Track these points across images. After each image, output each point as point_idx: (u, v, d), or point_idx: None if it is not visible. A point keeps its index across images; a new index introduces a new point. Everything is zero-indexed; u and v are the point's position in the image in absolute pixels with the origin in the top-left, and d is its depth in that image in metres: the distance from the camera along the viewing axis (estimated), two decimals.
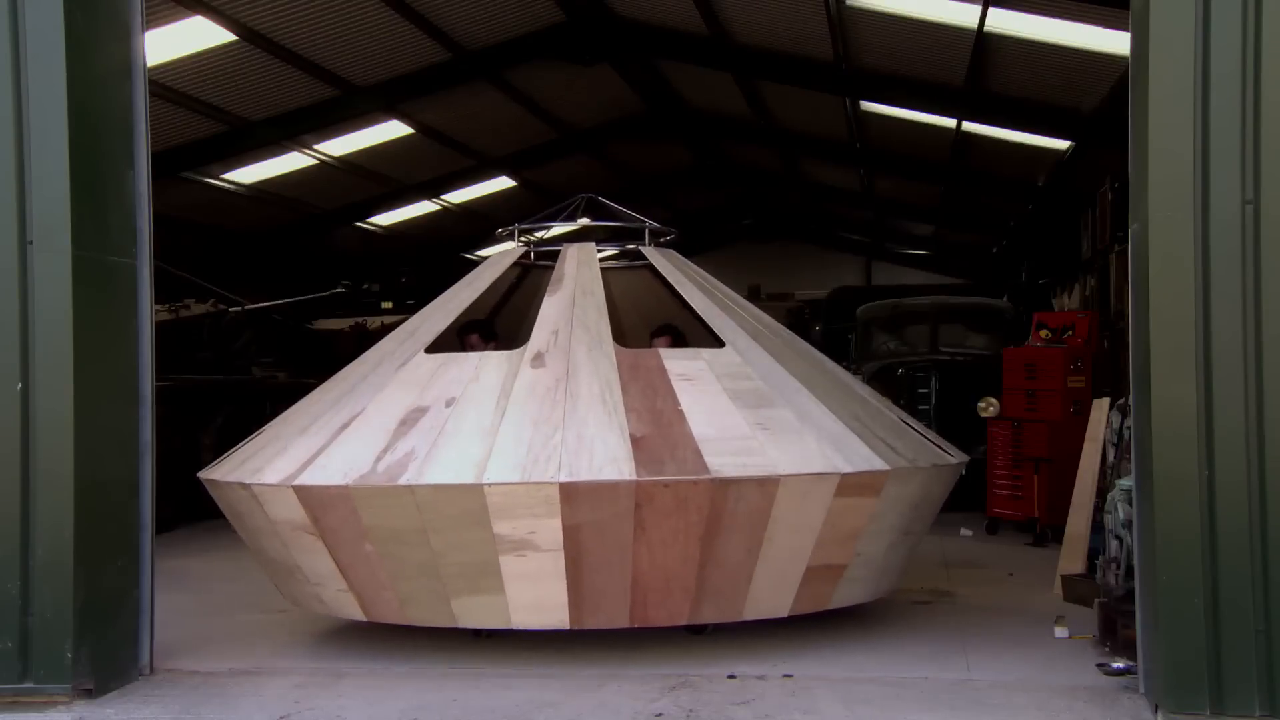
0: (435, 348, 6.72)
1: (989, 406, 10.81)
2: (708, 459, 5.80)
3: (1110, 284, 13.84)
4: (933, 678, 5.84)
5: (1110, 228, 13.39)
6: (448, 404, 6.16)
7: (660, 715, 5.29)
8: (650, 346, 7.33)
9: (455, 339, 7.38)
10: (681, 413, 6.06)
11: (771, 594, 6.12)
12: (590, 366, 6.24)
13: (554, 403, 6.02)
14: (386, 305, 17.21)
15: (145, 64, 6.15)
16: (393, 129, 16.59)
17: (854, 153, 19.00)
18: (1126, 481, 6.30)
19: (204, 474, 6.85)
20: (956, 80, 13.34)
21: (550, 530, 5.69)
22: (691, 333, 7.54)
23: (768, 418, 6.15)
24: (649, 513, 5.70)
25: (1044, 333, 11.38)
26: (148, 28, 6.30)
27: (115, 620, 5.85)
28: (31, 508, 5.55)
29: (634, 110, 18.91)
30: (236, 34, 12.02)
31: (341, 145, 16.76)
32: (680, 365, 6.38)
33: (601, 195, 8.00)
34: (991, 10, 10.97)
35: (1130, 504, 5.83)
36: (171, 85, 12.82)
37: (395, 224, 21.94)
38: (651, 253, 7.35)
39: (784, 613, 6.20)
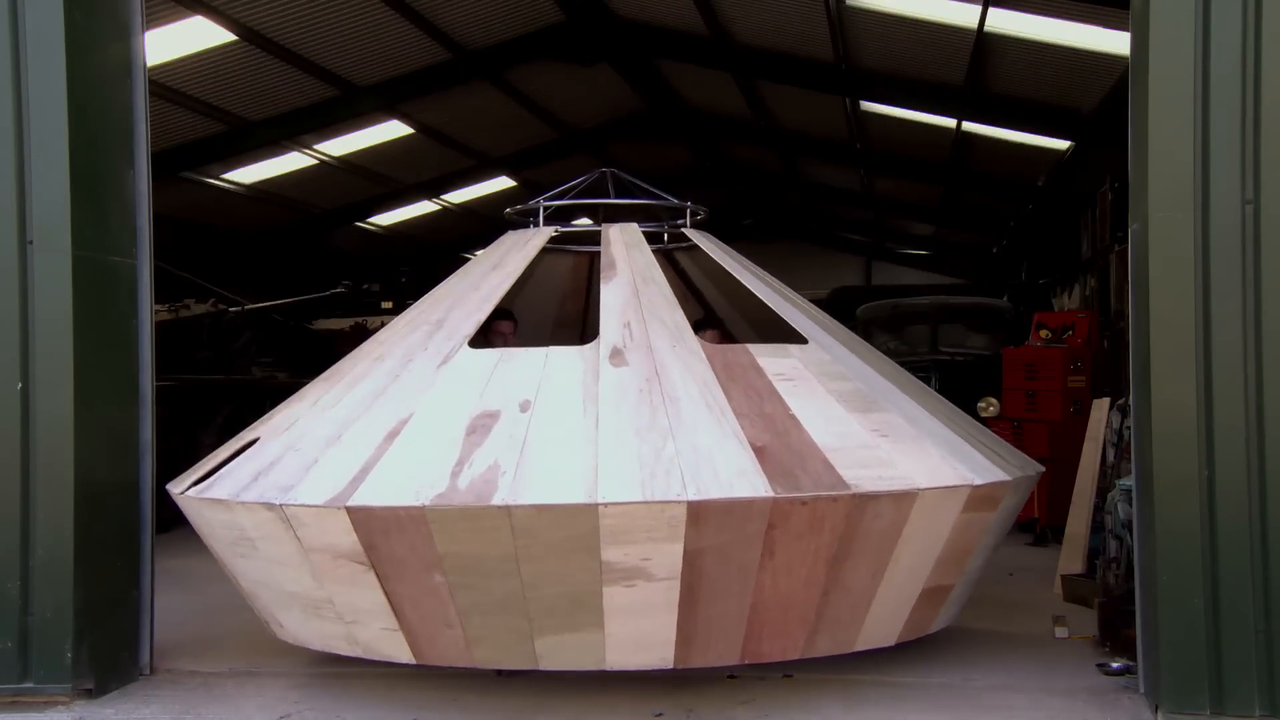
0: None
1: (989, 406, 10.81)
2: (841, 471, 5.17)
3: (1110, 284, 13.83)
4: (932, 678, 5.84)
5: (1110, 228, 13.38)
6: (523, 408, 5.36)
7: (660, 715, 5.29)
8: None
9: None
10: (795, 419, 5.41)
11: (885, 621, 5.55)
12: (680, 365, 5.56)
13: (652, 407, 5.32)
14: (386, 305, 17.18)
15: (145, 64, 6.16)
16: (393, 129, 16.59)
17: (854, 153, 18.98)
18: (1126, 481, 6.30)
19: (188, 491, 5.79)
20: (956, 80, 13.33)
21: (669, 556, 4.98)
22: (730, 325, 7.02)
23: (883, 423, 5.59)
24: (781, 534, 5.04)
25: (1044, 333, 11.39)
26: (148, 28, 6.31)
27: (115, 620, 5.85)
28: (31, 508, 5.56)
29: (634, 110, 18.90)
30: (236, 34, 12.01)
31: (341, 145, 16.76)
32: (773, 364, 5.73)
33: (602, 196, 7.31)
34: (991, 10, 10.96)
35: (1130, 504, 5.83)
36: (171, 85, 12.81)
37: (395, 224, 21.94)
38: (698, 235, 6.69)
39: (890, 641, 5.64)
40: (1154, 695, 5.22)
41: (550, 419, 5.30)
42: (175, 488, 5.95)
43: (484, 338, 6.55)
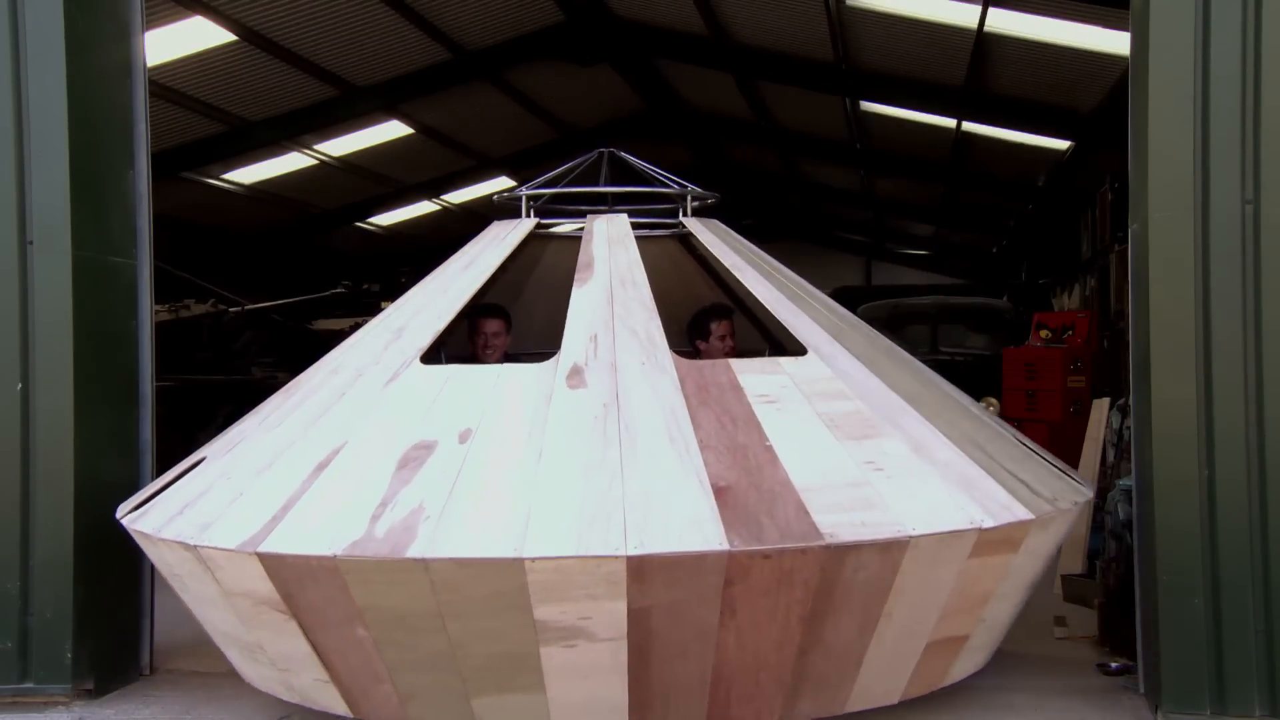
0: (433, 353, 5.42)
1: (989, 406, 10.80)
2: (815, 516, 4.47)
3: (1110, 284, 13.83)
4: None
5: (1110, 228, 13.38)
6: (462, 438, 4.75)
7: None
8: (701, 336, 6.35)
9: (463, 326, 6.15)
10: (771, 450, 4.72)
11: (882, 679, 4.91)
12: (646, 386, 4.88)
13: (605, 438, 4.66)
14: (386, 305, 17.18)
15: (145, 64, 6.15)
16: (393, 129, 16.59)
17: (854, 153, 18.99)
18: (1126, 481, 6.30)
19: (127, 519, 5.35)
20: (956, 80, 13.33)
21: (610, 615, 4.37)
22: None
23: (878, 453, 4.85)
24: (742, 590, 4.39)
25: (1044, 333, 11.40)
26: (148, 28, 6.30)
27: (115, 620, 5.85)
28: (31, 508, 5.56)
29: (634, 110, 18.91)
30: (236, 34, 12.02)
31: (341, 145, 16.77)
32: (758, 382, 5.04)
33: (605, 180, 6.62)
34: (991, 10, 10.97)
35: (1130, 504, 5.82)
36: (172, 85, 12.82)
37: (395, 224, 21.95)
38: (695, 224, 5.96)
39: (894, 699, 5.03)
40: (1154, 695, 5.21)
41: (489, 452, 4.69)
42: (123, 509, 5.52)
43: (470, 340, 6.24)
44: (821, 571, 4.42)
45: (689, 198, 6.04)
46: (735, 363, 5.20)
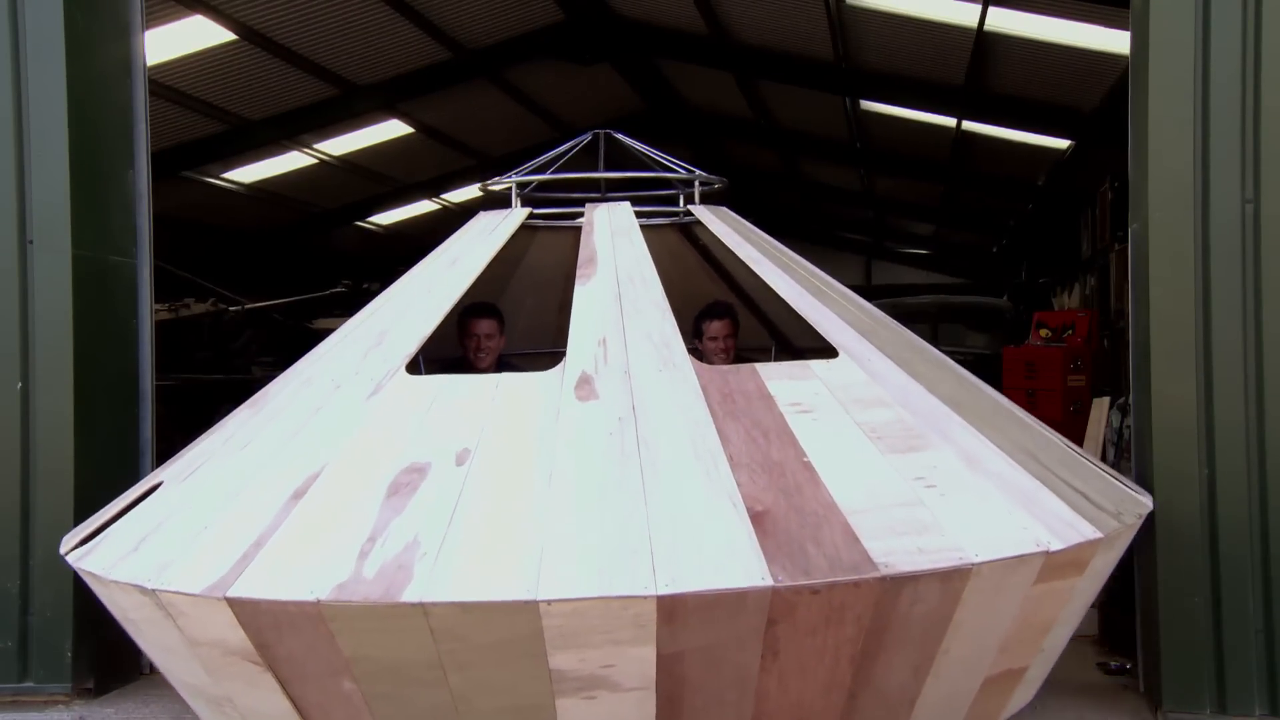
0: (412, 361, 4.73)
1: None
2: (866, 543, 3.89)
3: (1110, 283, 13.83)
4: None
5: (1110, 227, 13.38)
6: (459, 460, 4.15)
7: None
8: (699, 336, 5.90)
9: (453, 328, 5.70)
10: (810, 466, 4.14)
11: None
12: (666, 396, 4.30)
13: (623, 457, 4.07)
14: None
15: (145, 63, 6.16)
16: (393, 128, 16.59)
17: (854, 152, 18.99)
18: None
19: (74, 555, 4.71)
20: (956, 80, 13.33)
21: (637, 663, 3.80)
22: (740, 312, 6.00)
23: (928, 466, 4.27)
24: (786, 630, 3.83)
25: (1044, 332, 11.40)
26: (148, 27, 6.31)
27: (116, 620, 5.85)
28: (31, 507, 5.56)
29: (634, 110, 18.90)
30: (236, 33, 12.01)
31: (341, 145, 16.76)
32: (788, 389, 4.46)
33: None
34: (991, 9, 10.96)
35: None
36: (171, 85, 12.81)
37: (395, 223, 21.96)
38: (704, 212, 5.42)
39: None
40: (1154, 695, 5.21)
41: (491, 475, 4.10)
42: (67, 542, 4.92)
43: (460, 342, 5.79)
44: (876, 606, 3.86)
45: (697, 183, 5.52)
46: (762, 368, 4.62)
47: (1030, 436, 4.95)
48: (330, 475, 4.21)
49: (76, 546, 4.76)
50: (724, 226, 5.34)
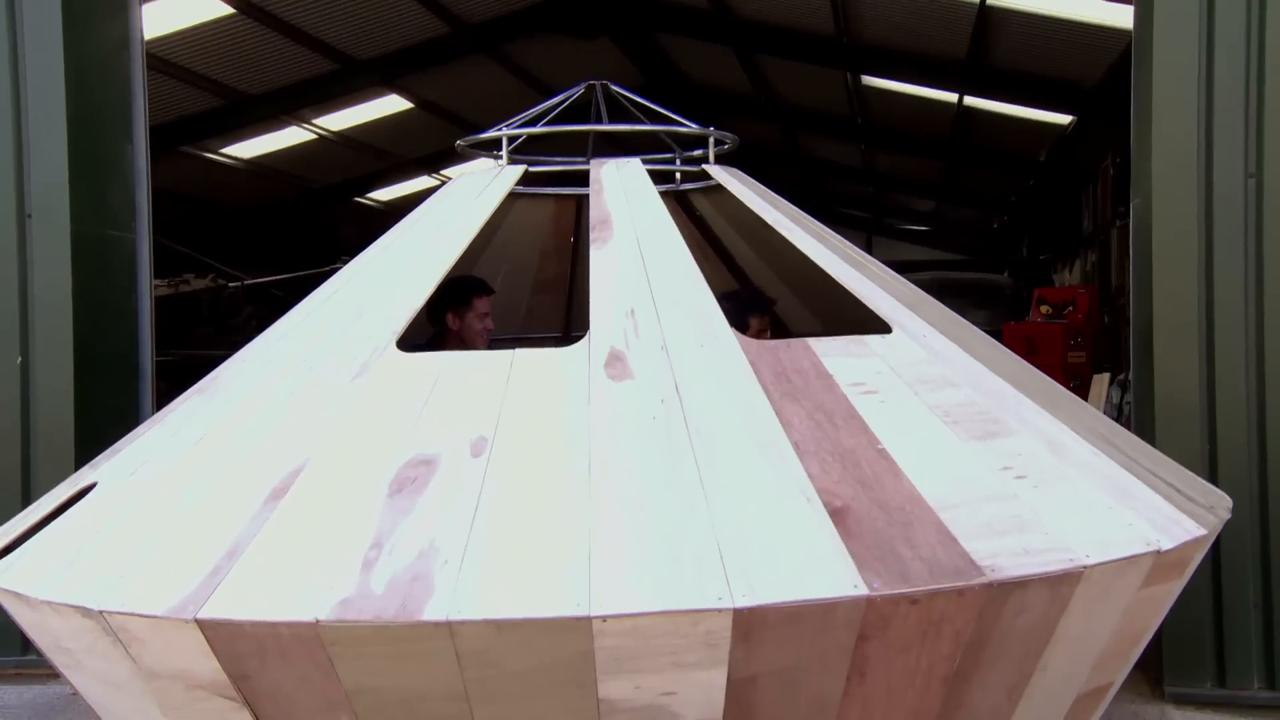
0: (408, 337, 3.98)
1: None
2: (965, 544, 3.33)
3: (1111, 259, 13.83)
4: None
5: (1111, 203, 13.38)
6: (475, 450, 3.48)
7: None
8: (737, 329, 4.71)
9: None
10: (886, 455, 3.57)
11: None
12: (711, 375, 3.69)
13: (672, 445, 3.44)
14: None
15: (143, 38, 6.14)
16: (392, 103, 16.55)
17: (855, 128, 18.95)
18: None
19: None
20: (958, 54, 13.28)
21: (704, 689, 3.17)
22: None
23: (1012, 454, 3.71)
24: (877, 647, 3.27)
25: (1044, 308, 11.40)
26: (145, 1, 6.27)
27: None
28: (32, 481, 5.57)
29: (634, 85, 18.75)
30: (234, 7, 11.97)
31: (340, 120, 16.73)
32: (847, 367, 3.88)
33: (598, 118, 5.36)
34: None
35: None
36: (170, 59, 12.77)
37: (394, 199, 21.92)
38: (721, 173, 4.80)
39: None
40: (1155, 670, 5.24)
41: (516, 468, 3.42)
42: None
43: (460, 322, 5.27)
44: (979, 617, 3.31)
45: (711, 140, 4.87)
46: (815, 343, 3.99)
47: (1102, 422, 4.42)
48: (315, 471, 3.51)
49: None
50: (747, 190, 4.70)
